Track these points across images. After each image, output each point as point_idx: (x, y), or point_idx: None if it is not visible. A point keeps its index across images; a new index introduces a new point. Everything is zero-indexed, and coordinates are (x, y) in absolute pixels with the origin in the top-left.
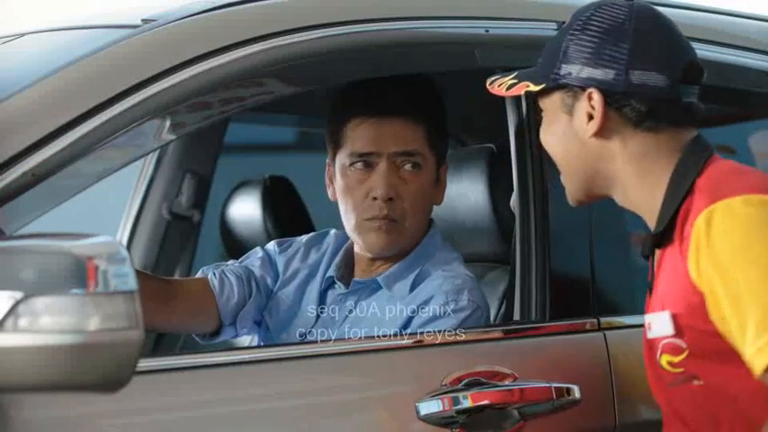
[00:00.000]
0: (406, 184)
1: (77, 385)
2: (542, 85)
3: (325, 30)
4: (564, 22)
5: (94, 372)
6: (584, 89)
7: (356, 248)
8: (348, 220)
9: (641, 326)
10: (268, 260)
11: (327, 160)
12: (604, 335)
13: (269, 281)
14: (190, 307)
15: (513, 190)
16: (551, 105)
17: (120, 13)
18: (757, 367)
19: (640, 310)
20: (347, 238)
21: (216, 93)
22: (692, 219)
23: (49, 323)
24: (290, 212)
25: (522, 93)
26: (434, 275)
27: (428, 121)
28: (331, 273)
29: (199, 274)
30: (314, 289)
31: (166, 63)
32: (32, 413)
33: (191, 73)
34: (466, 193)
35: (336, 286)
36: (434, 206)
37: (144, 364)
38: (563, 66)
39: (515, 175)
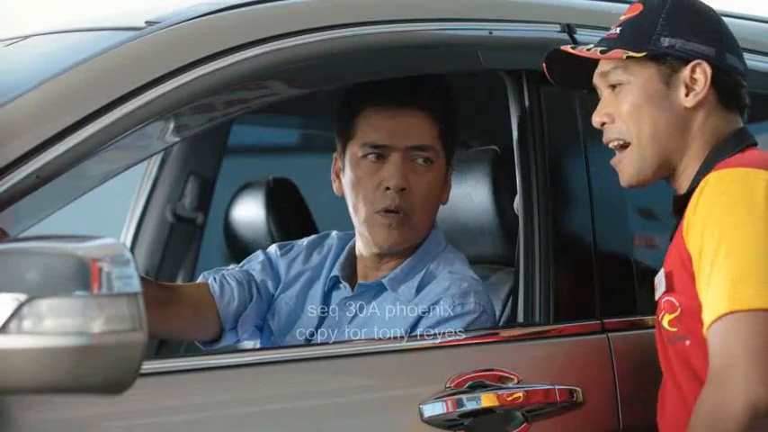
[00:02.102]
0: (417, 176)
1: (81, 387)
2: (644, 53)
3: (329, 32)
4: (568, 24)
5: (98, 374)
6: (686, 62)
7: (360, 247)
8: (357, 213)
9: (645, 328)
10: (269, 264)
11: (335, 154)
12: (608, 337)
13: (270, 285)
14: (190, 312)
15: (516, 192)
16: (643, 76)
17: (124, 16)
18: (705, 320)
19: (644, 311)
20: (350, 238)
21: (220, 95)
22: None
23: (52, 325)
24: (293, 214)
25: (624, 57)
26: (441, 278)
27: (441, 118)
28: (336, 272)
29: (200, 279)
30: (317, 291)
31: (170, 65)
32: (36, 415)
33: (194, 75)
34: (470, 194)
35: (341, 287)
36: (440, 206)
37: (148, 366)
38: (662, 38)
39: (519, 176)
